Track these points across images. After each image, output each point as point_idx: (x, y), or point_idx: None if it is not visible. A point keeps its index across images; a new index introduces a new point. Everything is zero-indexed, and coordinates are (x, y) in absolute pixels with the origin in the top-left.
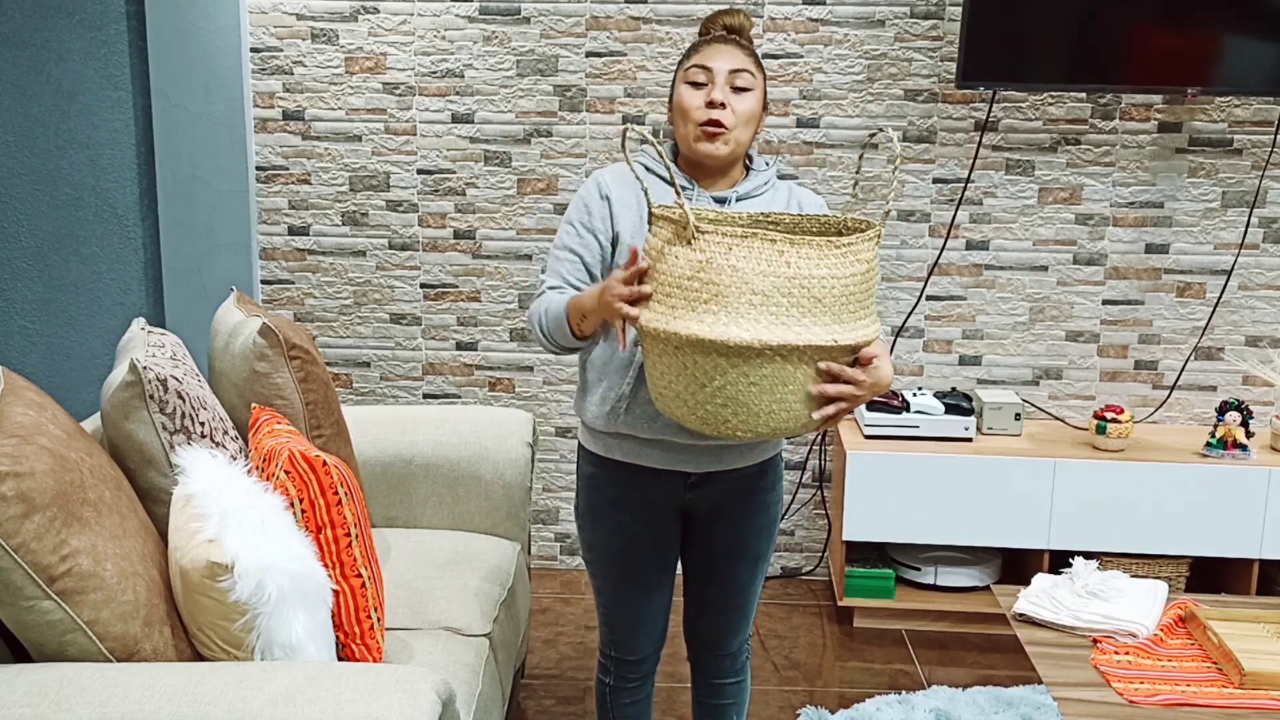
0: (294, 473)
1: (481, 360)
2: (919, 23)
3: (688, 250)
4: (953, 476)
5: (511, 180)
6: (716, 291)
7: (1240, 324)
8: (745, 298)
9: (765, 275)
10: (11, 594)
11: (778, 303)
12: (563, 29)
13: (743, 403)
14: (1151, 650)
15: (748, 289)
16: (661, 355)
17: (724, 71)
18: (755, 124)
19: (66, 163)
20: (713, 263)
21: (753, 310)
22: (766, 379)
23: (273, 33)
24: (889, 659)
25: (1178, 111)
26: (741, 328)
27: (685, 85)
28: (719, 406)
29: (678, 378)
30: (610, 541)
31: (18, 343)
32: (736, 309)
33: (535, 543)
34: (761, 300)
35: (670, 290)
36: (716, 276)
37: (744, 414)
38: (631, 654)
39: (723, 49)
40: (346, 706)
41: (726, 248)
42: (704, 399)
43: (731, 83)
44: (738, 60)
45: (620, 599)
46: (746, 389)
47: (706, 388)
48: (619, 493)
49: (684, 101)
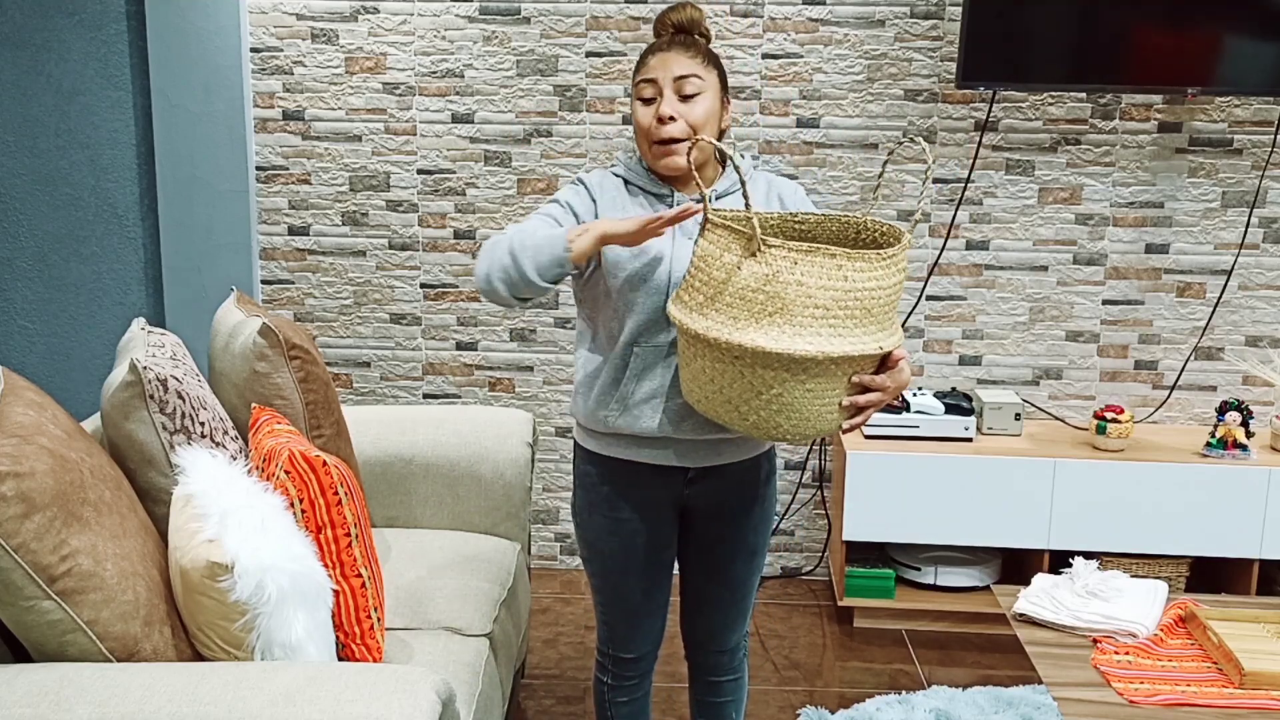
0: (294, 473)
1: (481, 360)
2: (919, 23)
3: (752, 262)
4: (953, 476)
5: (511, 180)
6: (781, 305)
7: (1240, 324)
8: (809, 311)
9: (826, 289)
10: (11, 594)
11: (836, 315)
12: (563, 29)
13: (796, 409)
14: (1151, 650)
15: (811, 303)
16: (716, 362)
17: (669, 81)
18: (715, 125)
19: (66, 163)
20: (779, 276)
21: (814, 323)
22: (819, 385)
23: (273, 33)
24: (889, 659)
25: (1178, 111)
26: (806, 340)
27: (638, 102)
28: (773, 413)
29: (732, 384)
30: (607, 539)
31: (18, 343)
32: (801, 322)
33: (535, 543)
34: (823, 313)
35: (732, 300)
36: (783, 290)
37: (795, 419)
38: (629, 652)
39: (667, 56)
40: (346, 706)
41: (792, 261)
42: (758, 406)
43: (679, 90)
44: (682, 65)
45: (618, 597)
46: (801, 396)
47: (763, 395)
48: (615, 490)
49: (638, 119)
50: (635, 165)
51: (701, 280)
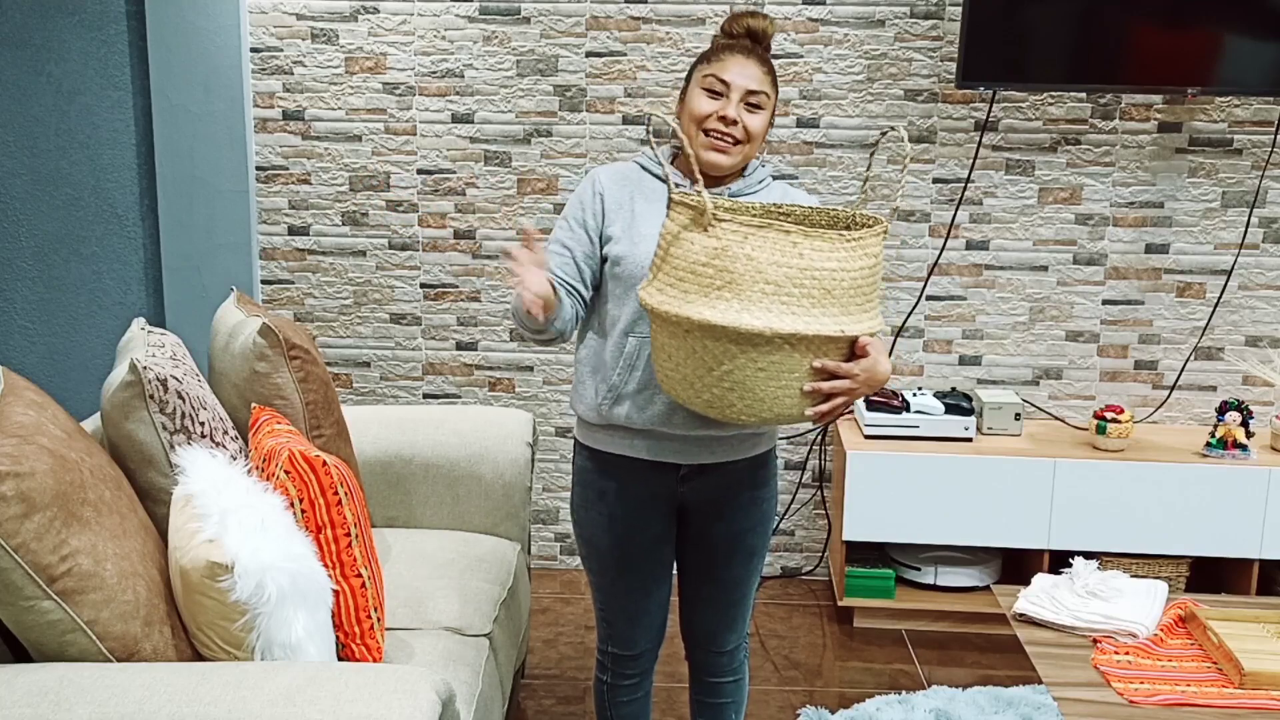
0: (294, 473)
1: (481, 360)
2: (919, 23)
3: (704, 236)
4: (953, 476)
5: (511, 180)
6: (730, 279)
7: (1240, 324)
8: (758, 286)
9: (778, 265)
10: (11, 594)
11: (789, 292)
12: (563, 29)
13: (749, 388)
14: (1151, 650)
15: (761, 278)
16: (670, 338)
17: (741, 89)
18: (762, 138)
19: (66, 163)
20: (728, 250)
21: (765, 299)
22: (774, 366)
23: (273, 33)
24: (889, 659)
25: (1178, 111)
26: (754, 315)
27: (700, 91)
28: (725, 390)
29: (685, 360)
30: (603, 534)
31: (18, 343)
32: (749, 296)
33: (535, 543)
34: (774, 289)
35: (684, 275)
36: (731, 264)
37: (749, 399)
38: (628, 649)
39: (744, 63)
40: (346, 706)
41: (742, 236)
42: (711, 383)
43: (746, 100)
44: (756, 79)
45: (616, 593)
46: (754, 374)
47: (714, 371)
48: (611, 485)
49: (697, 108)
50: (660, 158)
51: (659, 257)
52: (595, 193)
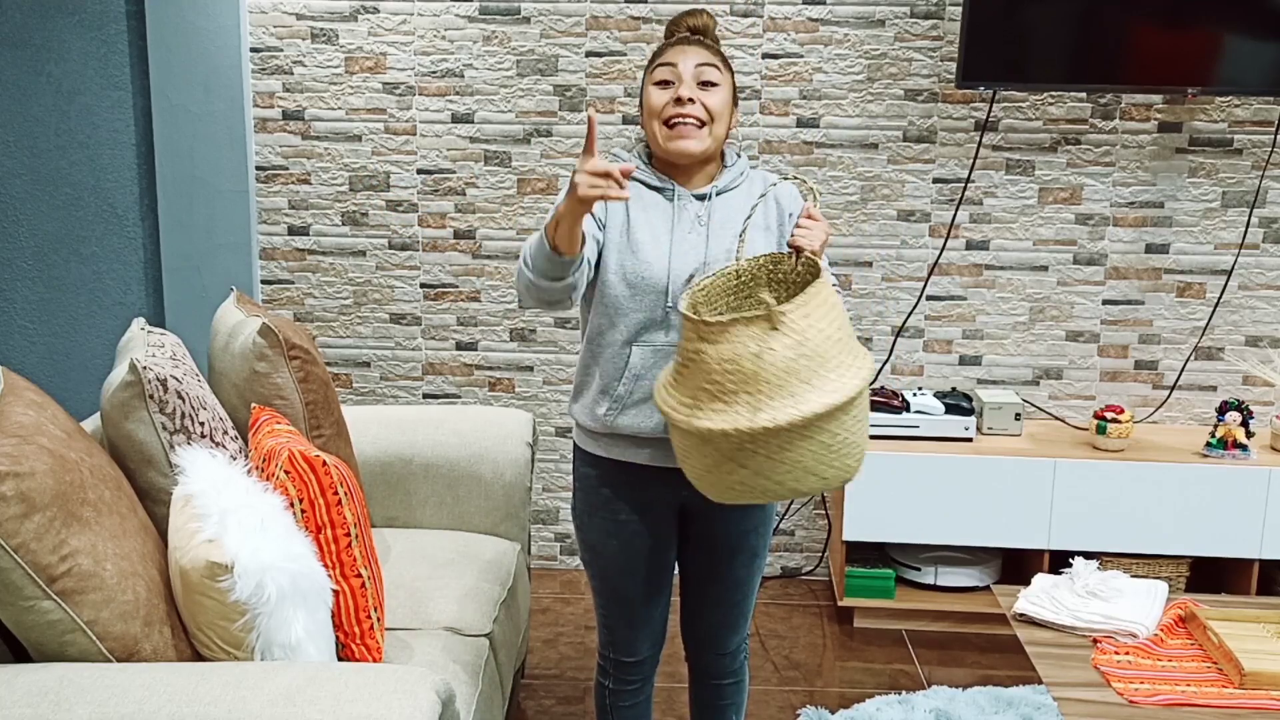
0: (294, 473)
1: (481, 360)
2: (919, 23)
3: (781, 338)
4: (953, 476)
5: (511, 180)
6: (822, 360)
7: (1240, 324)
8: (834, 348)
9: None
10: (11, 594)
11: (848, 334)
12: (563, 29)
13: (853, 441)
14: (1151, 650)
15: (830, 341)
16: (782, 446)
17: (690, 68)
18: (727, 119)
19: (66, 163)
20: (807, 336)
21: (841, 355)
22: (862, 409)
23: (273, 33)
24: (889, 659)
25: (1178, 111)
26: (850, 375)
27: (653, 87)
28: (842, 457)
29: (805, 455)
30: (607, 542)
31: (18, 343)
32: (837, 362)
33: (535, 543)
34: (840, 346)
35: (782, 381)
36: (816, 347)
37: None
38: (631, 655)
39: (687, 49)
40: (346, 706)
41: (806, 315)
42: (832, 458)
43: (698, 78)
44: (703, 56)
45: (619, 600)
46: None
47: (833, 446)
48: (615, 492)
49: (652, 101)
50: (634, 160)
51: (735, 382)
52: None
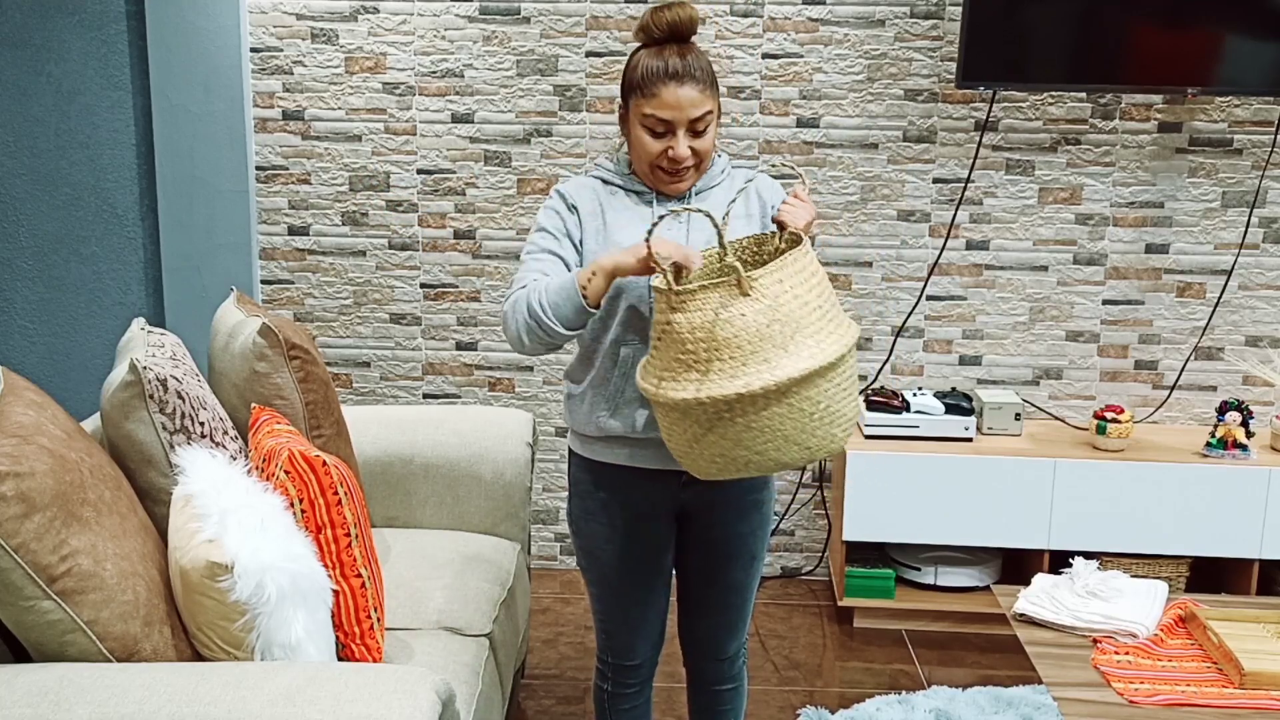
0: (294, 473)
1: (481, 360)
2: (919, 23)
3: (751, 303)
4: (953, 476)
5: (511, 180)
6: (797, 325)
7: (1240, 324)
8: (813, 315)
9: (811, 288)
10: (11, 594)
11: (831, 303)
12: (563, 29)
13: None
14: (1151, 650)
15: (809, 308)
16: (758, 414)
17: (684, 124)
18: (713, 144)
19: (66, 163)
20: (780, 301)
21: (823, 322)
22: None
23: (273, 33)
24: (889, 659)
25: (1178, 111)
26: (830, 342)
27: (643, 130)
28: (827, 426)
29: (783, 423)
30: (604, 546)
31: (18, 343)
32: (816, 328)
33: (535, 543)
34: (820, 313)
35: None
36: (789, 312)
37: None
38: (629, 659)
39: (679, 96)
40: (346, 706)
41: (779, 282)
42: (814, 426)
43: (692, 127)
44: (695, 104)
45: (616, 604)
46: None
47: (815, 414)
48: (610, 496)
49: (645, 149)
50: (615, 167)
51: (705, 349)
52: (569, 205)
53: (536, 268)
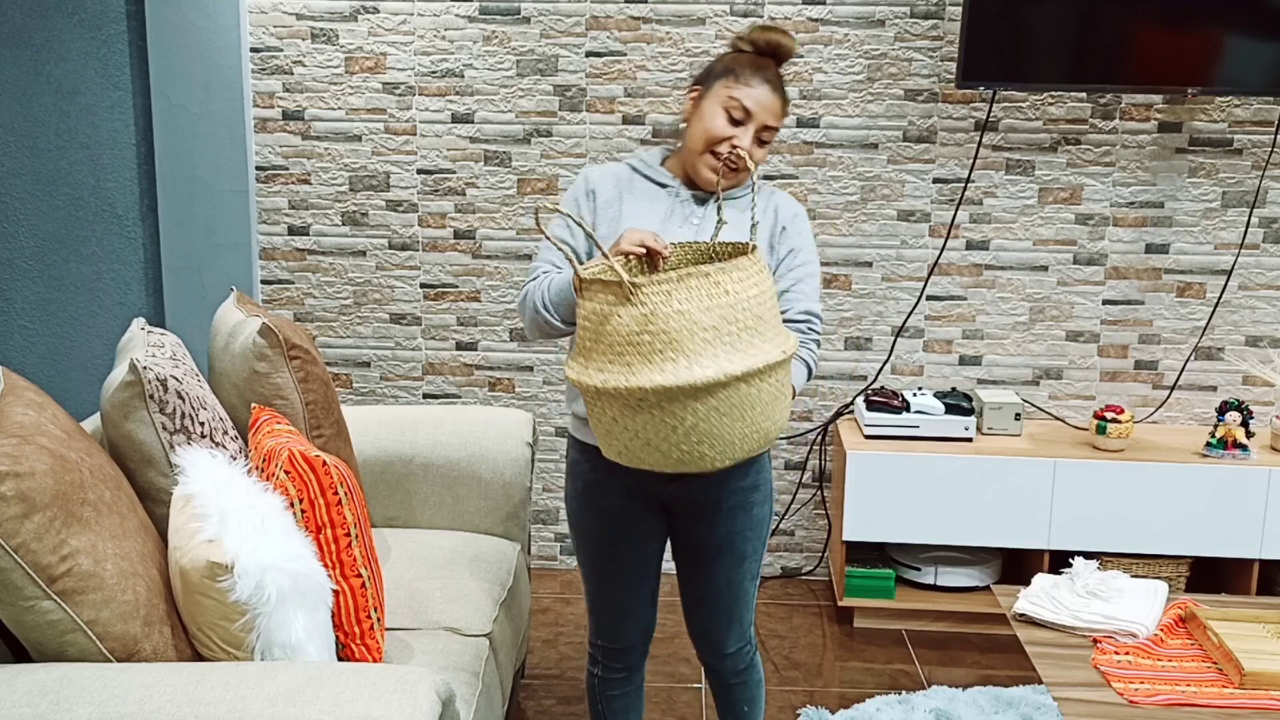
0: (294, 473)
1: (481, 360)
2: (919, 23)
3: (630, 308)
4: (953, 476)
5: (511, 180)
6: (670, 339)
7: (1240, 324)
8: (698, 336)
9: (709, 309)
10: (11, 594)
11: (728, 331)
12: (563, 29)
13: (717, 434)
14: (1151, 650)
15: (698, 327)
16: (624, 411)
17: (760, 123)
18: (761, 162)
19: (66, 163)
20: (657, 313)
21: (708, 346)
22: (734, 406)
23: (273, 33)
24: (889, 659)
25: (1178, 111)
26: (703, 366)
27: (720, 110)
28: (694, 444)
29: (645, 427)
30: (593, 527)
31: (18, 343)
32: (693, 350)
33: (535, 543)
34: (714, 334)
35: (622, 348)
36: (665, 325)
37: (719, 444)
38: (615, 642)
39: (769, 96)
40: (346, 706)
41: (667, 294)
42: (678, 441)
43: (760, 133)
44: (774, 115)
45: (603, 585)
46: (719, 420)
47: (679, 430)
48: (601, 478)
49: (714, 128)
50: (648, 157)
51: (590, 338)
52: (587, 190)
53: (548, 258)
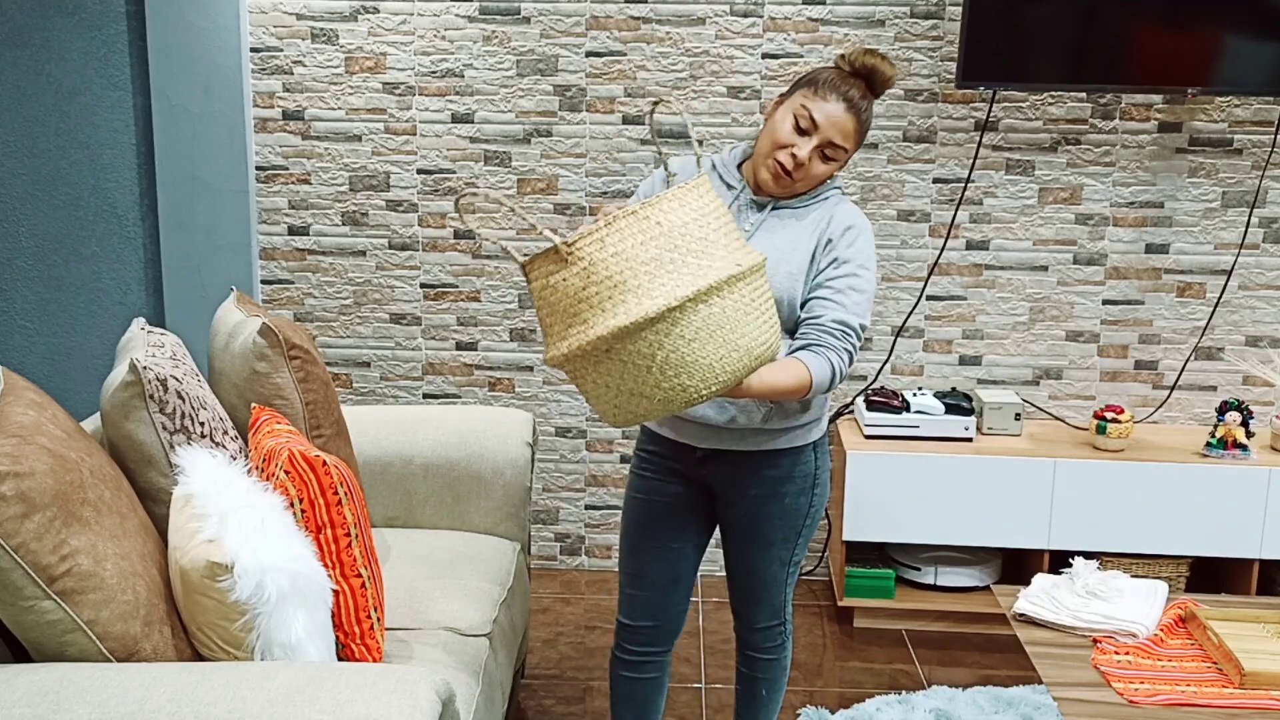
0: (294, 473)
1: (481, 360)
2: (919, 23)
3: (570, 268)
4: (953, 476)
5: (511, 180)
6: (615, 283)
7: (1240, 324)
8: (641, 271)
9: (645, 244)
10: (11, 594)
11: (670, 259)
12: (563, 29)
13: (691, 362)
14: (1151, 650)
15: (637, 263)
16: (598, 370)
17: (825, 138)
18: (824, 177)
19: (66, 163)
20: (596, 261)
21: (654, 278)
22: (700, 330)
23: (273, 33)
24: (889, 659)
25: (1178, 111)
26: (653, 298)
27: (790, 115)
28: (672, 378)
29: (622, 377)
30: (634, 494)
31: (18, 343)
32: (640, 285)
33: (535, 543)
34: (655, 265)
35: (576, 309)
36: (607, 270)
37: (698, 371)
38: (631, 618)
39: (842, 114)
40: (346, 706)
41: (600, 241)
42: (656, 379)
43: (823, 151)
44: (842, 133)
45: (631, 553)
46: (688, 348)
47: (652, 368)
48: (649, 454)
49: (779, 133)
50: (729, 157)
51: (548, 314)
52: (667, 175)
53: None
